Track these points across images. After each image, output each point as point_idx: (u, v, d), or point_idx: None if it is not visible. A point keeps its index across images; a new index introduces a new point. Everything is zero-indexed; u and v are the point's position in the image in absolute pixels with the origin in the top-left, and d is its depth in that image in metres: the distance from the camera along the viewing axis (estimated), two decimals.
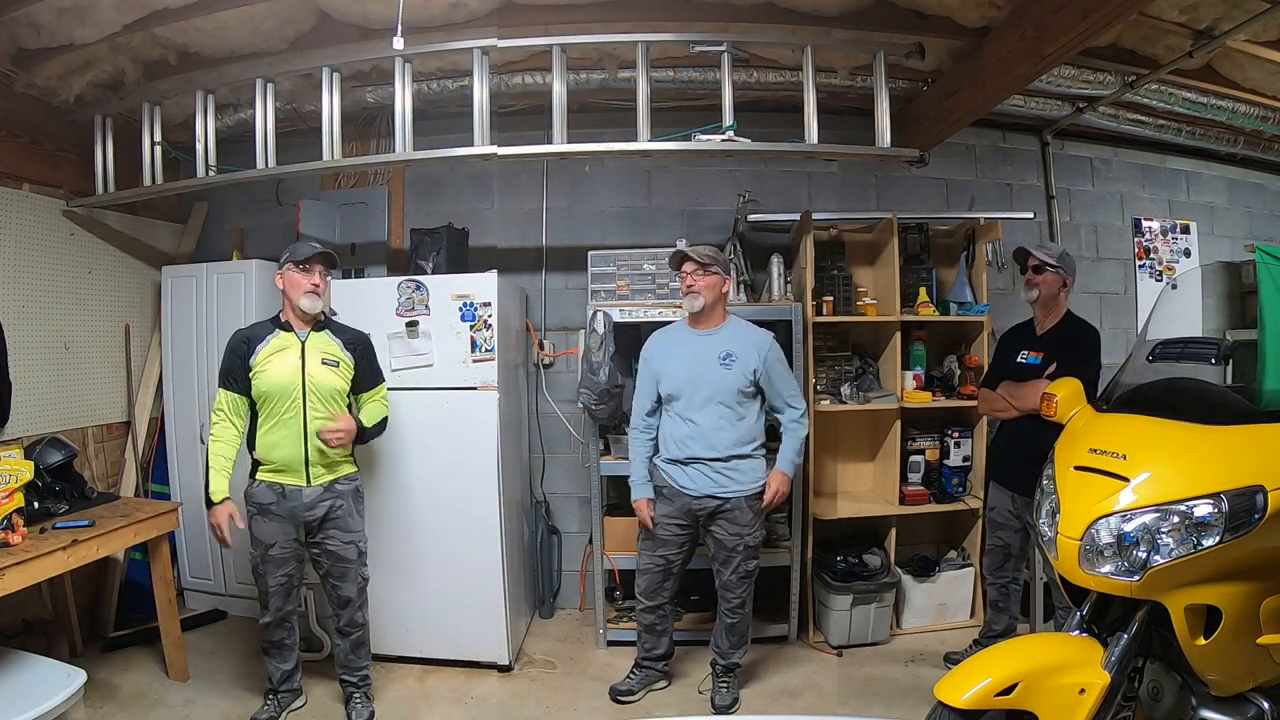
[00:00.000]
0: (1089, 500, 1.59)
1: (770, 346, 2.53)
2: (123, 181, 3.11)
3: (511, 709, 2.68)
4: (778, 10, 2.69)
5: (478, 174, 3.61)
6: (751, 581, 2.61)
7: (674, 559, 2.60)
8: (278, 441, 2.35)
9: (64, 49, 2.73)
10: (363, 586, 2.53)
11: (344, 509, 2.44)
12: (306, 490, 2.37)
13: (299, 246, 2.41)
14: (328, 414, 2.37)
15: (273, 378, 2.33)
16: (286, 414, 2.34)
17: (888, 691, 2.75)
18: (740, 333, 2.55)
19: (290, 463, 2.36)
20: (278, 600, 2.43)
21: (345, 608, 2.50)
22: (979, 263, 3.33)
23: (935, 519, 3.41)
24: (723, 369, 2.48)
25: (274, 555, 2.38)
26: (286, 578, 2.43)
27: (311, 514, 2.39)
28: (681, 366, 2.52)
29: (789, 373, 2.61)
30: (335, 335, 2.46)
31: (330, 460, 2.42)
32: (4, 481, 2.21)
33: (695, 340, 2.55)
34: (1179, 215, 4.05)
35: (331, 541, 2.43)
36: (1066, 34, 2.22)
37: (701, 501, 2.50)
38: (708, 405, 2.48)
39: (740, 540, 2.52)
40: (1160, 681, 1.68)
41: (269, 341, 2.36)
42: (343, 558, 2.46)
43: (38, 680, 2.14)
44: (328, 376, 2.39)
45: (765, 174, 3.58)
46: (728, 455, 2.48)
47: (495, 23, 2.69)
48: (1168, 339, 2.02)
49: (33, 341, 2.94)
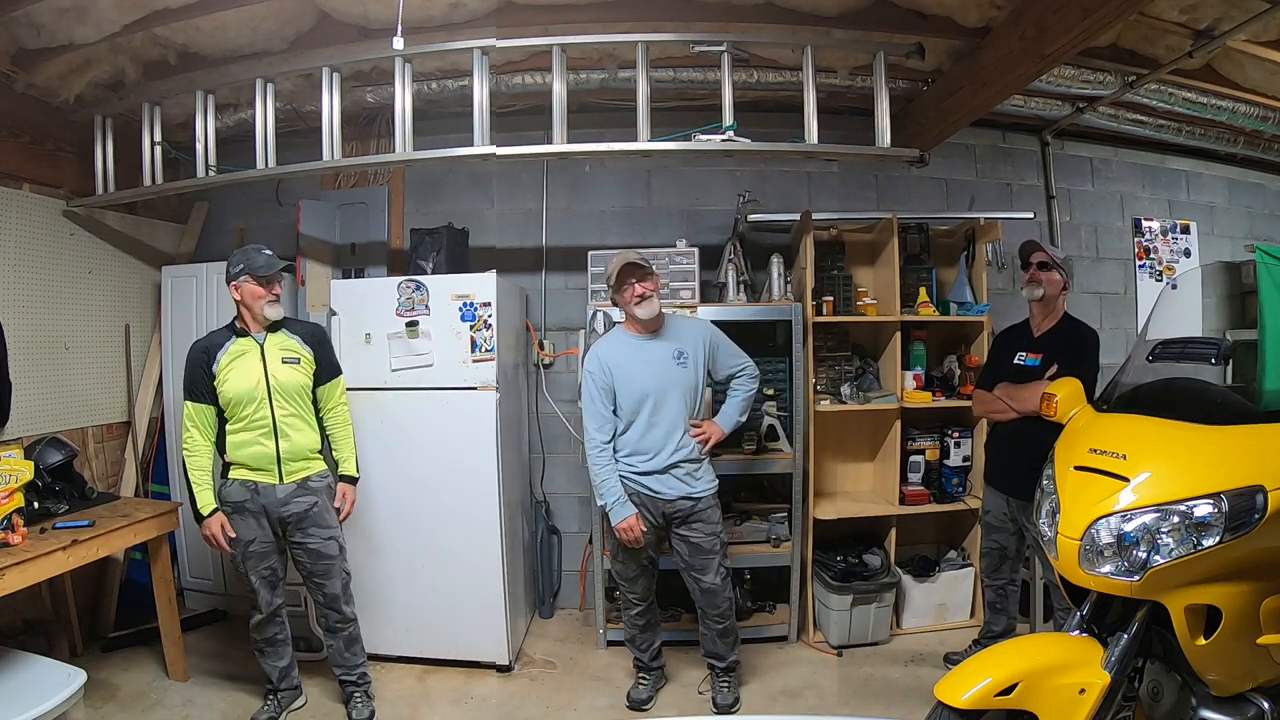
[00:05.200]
0: (1089, 500, 1.59)
1: (709, 329, 2.59)
2: (123, 181, 3.11)
3: (511, 709, 2.68)
4: (778, 10, 2.69)
5: (478, 174, 3.61)
6: (730, 580, 2.62)
7: (655, 555, 2.63)
8: (247, 442, 2.37)
9: (64, 49, 2.73)
10: (346, 582, 2.55)
11: (319, 506, 2.45)
12: (279, 487, 2.40)
13: (254, 257, 2.37)
14: (295, 412, 2.41)
15: (237, 383, 2.35)
16: (255, 416, 2.37)
17: (888, 691, 2.75)
18: (682, 328, 2.58)
19: (261, 462, 2.38)
20: (265, 594, 2.45)
21: (333, 605, 2.51)
22: (979, 263, 3.32)
23: (935, 519, 3.41)
24: (679, 368, 2.50)
25: (254, 550, 2.41)
26: (270, 570, 2.45)
27: (286, 509, 2.40)
28: (640, 372, 2.49)
29: (730, 342, 2.63)
30: (292, 333, 2.48)
31: (304, 456, 2.44)
32: (4, 481, 2.21)
33: (644, 345, 2.53)
34: (1179, 215, 4.05)
35: (311, 540, 2.44)
36: (1066, 34, 2.22)
37: (675, 504, 2.50)
38: (673, 406, 2.48)
39: (716, 539, 2.53)
40: (1160, 681, 1.68)
41: (228, 348, 2.38)
42: (325, 554, 2.47)
43: (38, 680, 2.14)
44: (290, 375, 2.41)
45: (765, 174, 3.58)
46: (693, 458, 2.50)
47: (495, 23, 2.69)
48: (1168, 339, 2.01)
49: (33, 341, 2.94)
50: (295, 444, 2.41)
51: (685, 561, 2.56)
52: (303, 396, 2.45)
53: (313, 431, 2.48)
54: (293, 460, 2.41)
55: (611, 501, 2.47)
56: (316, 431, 2.50)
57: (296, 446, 2.42)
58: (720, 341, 2.60)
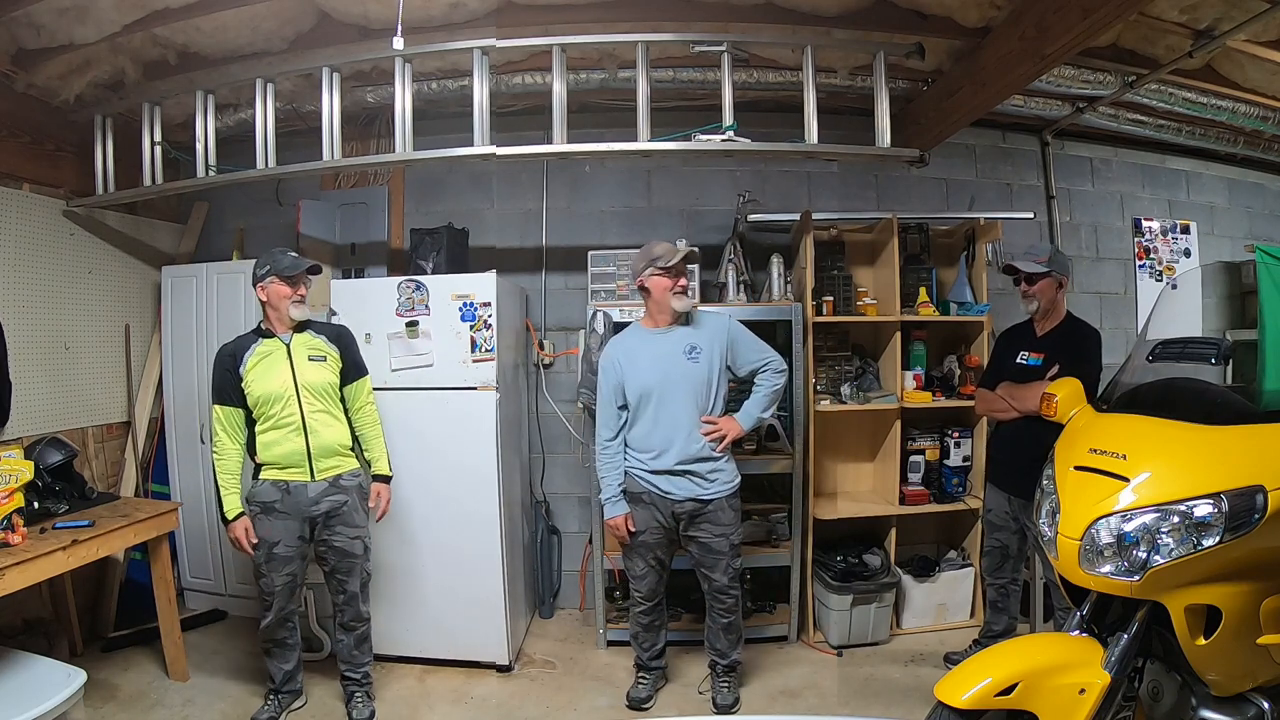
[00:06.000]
0: (1089, 500, 1.59)
1: (728, 322, 2.55)
2: (123, 181, 3.11)
3: (511, 709, 2.68)
4: (778, 10, 2.69)
5: (478, 174, 3.61)
6: (740, 580, 2.61)
7: (664, 557, 2.61)
8: (277, 440, 2.38)
9: (64, 49, 2.73)
10: (366, 581, 2.57)
11: (349, 505, 2.47)
12: (311, 485, 2.41)
13: (279, 258, 2.41)
14: (323, 408, 2.42)
15: (265, 384, 2.37)
16: (283, 414, 2.38)
17: (888, 691, 2.75)
18: (701, 322, 2.55)
19: (292, 459, 2.39)
20: (281, 600, 2.44)
21: (351, 603, 2.52)
22: (979, 263, 3.32)
23: (935, 519, 3.41)
24: (690, 363, 2.48)
25: (278, 554, 2.40)
26: (290, 576, 2.44)
27: (316, 509, 2.41)
28: (649, 367, 2.49)
29: (753, 335, 2.59)
30: (317, 333, 2.50)
31: (334, 452, 2.45)
32: (4, 481, 2.21)
33: (656, 340, 2.53)
34: (1179, 215, 4.05)
35: (338, 538, 2.45)
36: (1067, 34, 2.22)
37: (684, 504, 2.49)
38: (680, 402, 2.46)
39: (726, 540, 2.52)
40: (1160, 681, 1.68)
41: (254, 350, 2.41)
42: (349, 553, 2.48)
43: (38, 680, 2.14)
44: (318, 372, 2.43)
45: (765, 174, 3.58)
46: (707, 456, 2.47)
47: (495, 23, 2.69)
48: (1168, 339, 2.01)
49: (33, 341, 2.95)
50: (324, 439, 2.42)
51: (695, 558, 2.58)
52: (330, 394, 2.46)
53: (342, 427, 2.50)
54: (323, 456, 2.42)
55: (605, 498, 2.54)
56: (346, 428, 2.52)
57: (326, 442, 2.42)
58: (741, 336, 2.54)
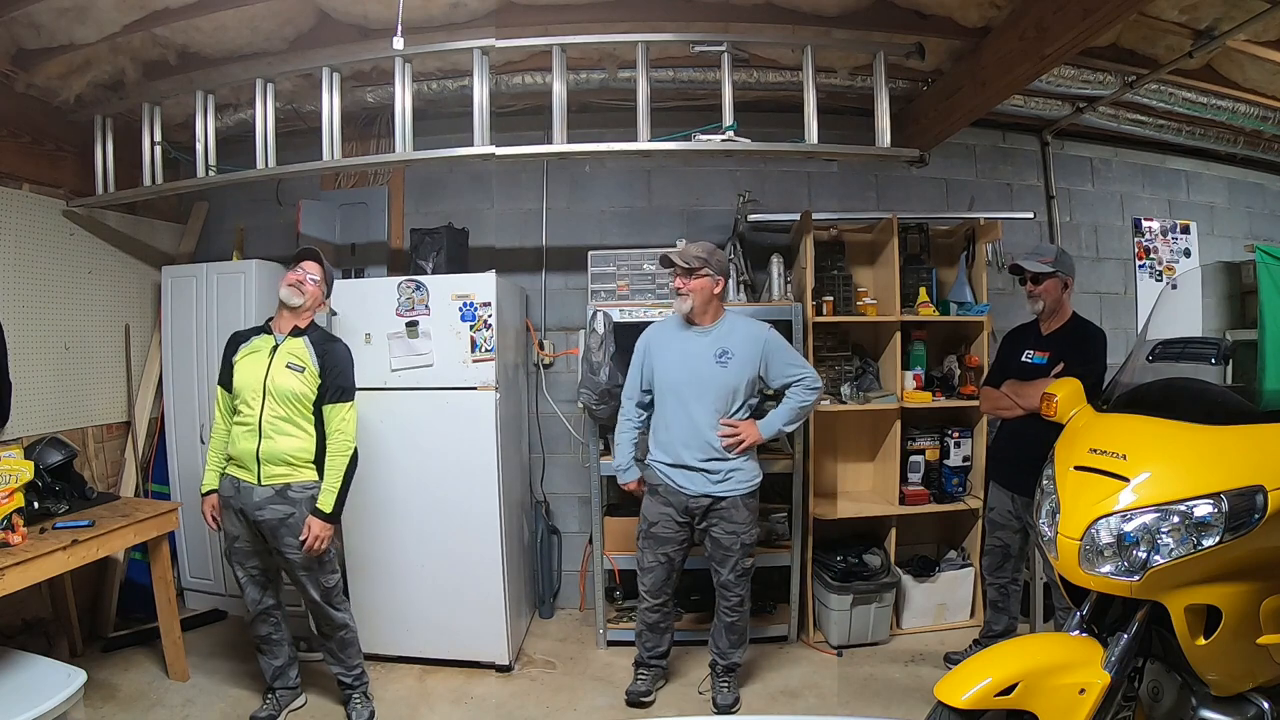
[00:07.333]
0: (1089, 500, 1.59)
1: (768, 336, 2.51)
2: (123, 181, 3.11)
3: (511, 709, 2.68)
4: (778, 10, 2.69)
5: (477, 174, 3.61)
6: (749, 579, 2.61)
7: (675, 555, 2.59)
8: (238, 436, 2.41)
9: (64, 49, 2.73)
10: (330, 590, 2.47)
11: (295, 518, 2.36)
12: (257, 489, 2.37)
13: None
14: (285, 416, 2.39)
15: (242, 376, 2.41)
16: (248, 411, 2.39)
17: (888, 691, 2.75)
18: (737, 328, 2.52)
19: (244, 459, 2.39)
20: (253, 593, 2.45)
21: (317, 610, 2.49)
22: (979, 263, 3.32)
23: (935, 519, 3.41)
24: (718, 367, 2.47)
25: (239, 548, 2.42)
26: (257, 571, 2.45)
27: (260, 514, 2.36)
28: (676, 362, 2.52)
29: (791, 349, 2.59)
30: (312, 344, 2.45)
31: (285, 461, 2.38)
32: (4, 481, 2.21)
33: (690, 337, 2.53)
34: (1179, 215, 4.05)
35: (289, 550, 2.38)
36: (1067, 34, 2.22)
37: (698, 500, 2.50)
38: (702, 403, 2.47)
39: (737, 539, 2.51)
40: (1160, 681, 1.68)
41: (251, 342, 2.47)
42: (301, 565, 2.40)
43: (38, 680, 2.14)
44: (288, 380, 2.39)
45: (765, 174, 3.58)
46: (723, 456, 2.47)
47: (495, 23, 2.69)
48: (1168, 339, 2.01)
49: (33, 341, 2.94)
50: (277, 447, 2.36)
51: (708, 552, 2.59)
52: (296, 403, 2.39)
53: (303, 440, 2.40)
54: (271, 463, 2.37)
55: (617, 467, 2.69)
56: (310, 441, 2.41)
57: (276, 449, 2.36)
58: (778, 347, 2.51)
